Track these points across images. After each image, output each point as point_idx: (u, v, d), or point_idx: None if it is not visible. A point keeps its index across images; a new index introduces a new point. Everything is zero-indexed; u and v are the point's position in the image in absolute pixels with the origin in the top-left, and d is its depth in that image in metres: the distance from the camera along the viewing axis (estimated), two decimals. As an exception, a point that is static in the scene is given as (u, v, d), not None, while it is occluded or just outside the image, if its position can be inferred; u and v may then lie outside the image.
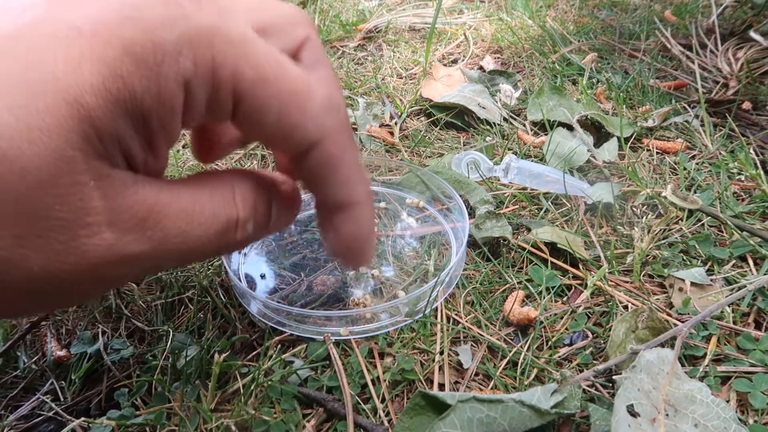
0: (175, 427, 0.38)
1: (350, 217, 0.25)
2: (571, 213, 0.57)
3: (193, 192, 0.22)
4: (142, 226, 0.20)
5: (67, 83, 0.17)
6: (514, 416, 0.34)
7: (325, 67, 0.25)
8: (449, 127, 0.75)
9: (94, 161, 0.18)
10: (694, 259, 0.51)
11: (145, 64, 0.18)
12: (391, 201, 0.59)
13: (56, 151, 0.17)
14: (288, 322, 0.44)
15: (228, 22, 0.20)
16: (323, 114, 0.22)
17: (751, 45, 0.86)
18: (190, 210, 0.21)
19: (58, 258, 0.18)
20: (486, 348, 0.43)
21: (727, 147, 0.68)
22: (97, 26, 0.18)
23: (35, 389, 0.42)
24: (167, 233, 0.20)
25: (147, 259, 0.20)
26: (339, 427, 0.38)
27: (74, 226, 0.18)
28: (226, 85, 0.20)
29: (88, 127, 0.18)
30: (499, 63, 0.93)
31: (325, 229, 0.26)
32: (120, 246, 0.19)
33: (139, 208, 0.20)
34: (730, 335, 0.43)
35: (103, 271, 0.20)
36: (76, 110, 0.17)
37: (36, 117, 0.17)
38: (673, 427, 0.34)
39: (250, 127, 0.22)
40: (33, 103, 0.17)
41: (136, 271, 0.21)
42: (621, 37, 0.99)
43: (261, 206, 0.24)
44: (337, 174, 0.24)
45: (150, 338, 0.46)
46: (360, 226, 0.25)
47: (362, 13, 1.15)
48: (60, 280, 0.19)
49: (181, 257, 0.22)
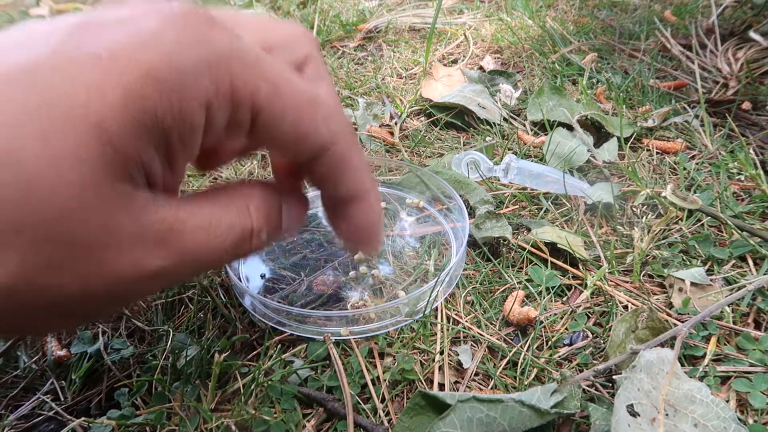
0: (175, 426, 0.38)
1: (361, 206, 0.27)
2: (571, 213, 0.57)
3: (209, 206, 0.23)
4: (164, 242, 0.21)
5: (89, 109, 0.18)
6: (513, 416, 0.34)
7: (327, 82, 0.27)
8: (449, 127, 0.75)
9: (118, 184, 0.19)
10: (694, 259, 0.51)
11: (165, 87, 0.19)
12: (391, 201, 0.59)
13: (81, 175, 0.18)
14: (288, 322, 0.44)
15: (242, 44, 0.21)
16: (332, 120, 0.24)
17: (751, 45, 0.86)
18: (207, 224, 0.22)
19: (86, 278, 0.19)
20: (486, 348, 0.43)
21: (726, 147, 0.68)
22: (117, 52, 0.18)
23: (35, 389, 0.42)
24: (187, 247, 0.21)
25: (169, 273, 0.21)
26: (339, 427, 0.38)
27: (100, 247, 0.19)
28: (245, 103, 0.21)
29: (112, 151, 0.18)
30: (499, 63, 0.93)
31: (336, 221, 0.28)
32: (144, 263, 0.20)
33: (161, 226, 0.21)
34: (729, 335, 0.43)
35: (129, 288, 0.21)
36: (99, 135, 0.18)
37: (61, 144, 0.17)
38: (673, 426, 0.34)
39: (266, 138, 0.23)
40: (56, 129, 0.17)
41: (158, 285, 0.22)
42: (621, 37, 0.99)
43: (274, 215, 0.25)
44: (347, 171, 0.25)
45: (150, 338, 0.46)
46: (371, 212, 0.27)
47: (362, 13, 1.15)
48: (90, 299, 0.20)
49: (199, 268, 0.23)
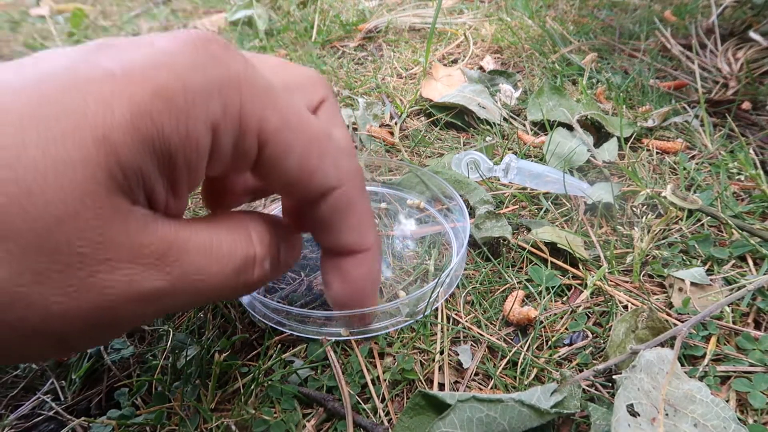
0: (176, 426, 0.38)
1: (361, 262, 0.26)
2: (571, 213, 0.57)
3: (210, 230, 0.22)
4: (162, 262, 0.20)
5: (96, 121, 0.17)
6: (513, 416, 0.34)
7: (341, 125, 0.26)
8: (449, 127, 0.75)
9: (117, 198, 0.18)
10: (694, 259, 0.51)
11: (174, 105, 0.18)
12: (391, 201, 0.59)
13: (80, 185, 0.17)
14: (288, 322, 0.44)
15: (255, 72, 0.21)
16: (341, 159, 0.23)
17: (751, 45, 0.86)
18: (208, 247, 0.21)
19: (76, 295, 0.18)
20: (486, 348, 0.43)
21: (726, 147, 0.68)
22: (131, 70, 0.18)
23: (35, 389, 0.42)
24: (186, 269, 0.21)
25: (165, 296, 0.20)
26: (339, 426, 0.38)
27: (94, 262, 0.18)
28: (252, 130, 0.21)
29: (114, 163, 0.18)
30: (499, 63, 0.93)
31: (330, 276, 0.26)
32: (139, 282, 0.19)
33: (159, 245, 0.20)
34: (729, 335, 0.43)
35: (122, 310, 0.20)
36: (103, 146, 0.18)
37: (62, 151, 0.17)
38: (673, 426, 0.34)
39: (272, 173, 0.22)
40: (60, 138, 0.17)
41: (154, 310, 0.21)
42: (621, 37, 0.99)
43: (275, 245, 0.25)
44: (351, 218, 0.25)
45: (150, 338, 0.46)
46: (370, 271, 0.26)
47: (362, 13, 1.15)
48: (78, 318, 0.19)
49: (198, 295, 0.22)
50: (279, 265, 0.25)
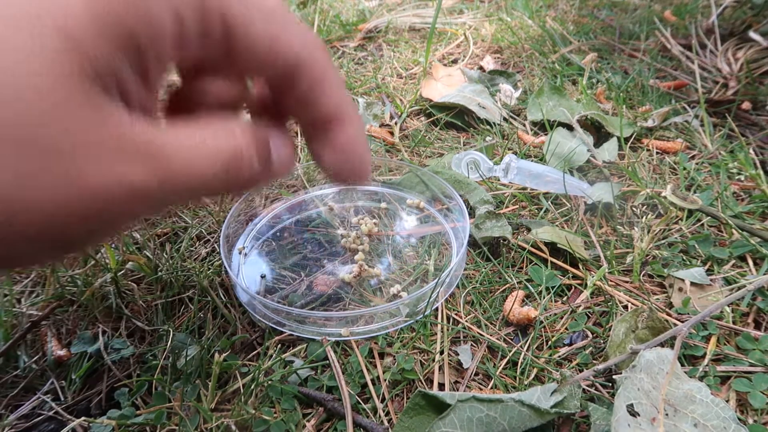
0: (176, 426, 0.38)
1: (345, 128, 0.26)
2: (571, 213, 0.57)
3: (194, 127, 0.22)
4: (148, 157, 0.20)
5: (54, 12, 0.17)
6: (513, 416, 0.34)
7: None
8: (449, 127, 0.75)
9: (91, 90, 0.18)
10: (694, 259, 0.51)
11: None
12: (391, 201, 0.59)
13: (52, 78, 0.17)
14: (288, 322, 0.44)
15: None
16: (303, 29, 0.24)
17: (751, 45, 0.86)
18: (193, 142, 0.21)
19: (62, 190, 0.18)
20: (486, 348, 0.43)
21: (726, 147, 0.68)
22: None
23: (36, 389, 0.42)
24: (172, 165, 0.20)
25: (154, 193, 0.20)
26: (339, 426, 0.38)
27: (80, 158, 0.18)
28: (214, 9, 0.21)
29: (79, 55, 0.18)
30: (499, 63, 0.93)
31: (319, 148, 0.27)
32: (128, 178, 0.19)
33: (142, 139, 0.20)
34: (729, 335, 0.43)
35: (111, 207, 0.19)
36: (66, 38, 0.18)
37: (29, 45, 0.17)
38: (673, 426, 0.34)
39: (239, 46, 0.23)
40: (18, 31, 0.17)
41: (143, 208, 0.21)
42: (621, 37, 0.99)
43: (262, 140, 0.25)
44: (327, 87, 0.25)
45: (150, 338, 0.46)
46: (355, 135, 0.27)
47: (362, 13, 1.15)
48: (66, 215, 0.18)
49: (189, 191, 0.22)
50: (272, 166, 0.26)
